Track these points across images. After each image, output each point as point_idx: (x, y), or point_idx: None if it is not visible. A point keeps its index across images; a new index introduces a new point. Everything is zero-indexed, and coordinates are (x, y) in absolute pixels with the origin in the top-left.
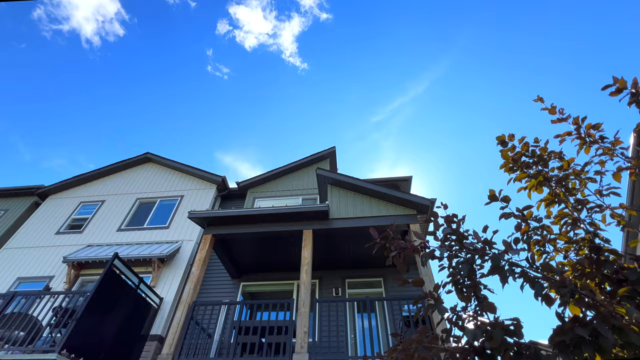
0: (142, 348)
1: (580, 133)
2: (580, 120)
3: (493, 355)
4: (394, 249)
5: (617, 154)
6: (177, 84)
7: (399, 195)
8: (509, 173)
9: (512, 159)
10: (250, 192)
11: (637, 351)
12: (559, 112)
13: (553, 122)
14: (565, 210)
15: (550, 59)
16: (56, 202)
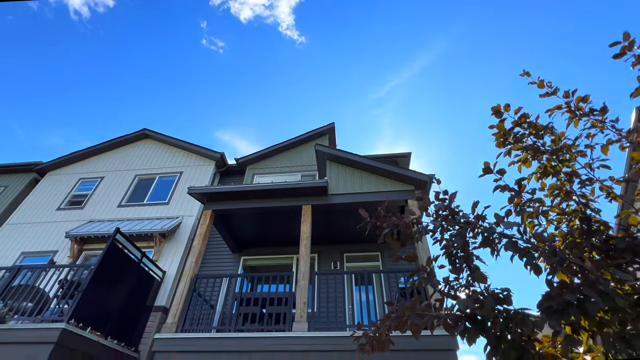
0: (147, 318)
1: (570, 106)
2: (571, 93)
3: (484, 321)
4: (387, 227)
5: (607, 126)
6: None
7: (397, 171)
8: (501, 147)
9: (505, 132)
10: (249, 168)
11: (621, 314)
12: (547, 86)
13: (541, 96)
14: (557, 182)
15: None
16: (55, 178)
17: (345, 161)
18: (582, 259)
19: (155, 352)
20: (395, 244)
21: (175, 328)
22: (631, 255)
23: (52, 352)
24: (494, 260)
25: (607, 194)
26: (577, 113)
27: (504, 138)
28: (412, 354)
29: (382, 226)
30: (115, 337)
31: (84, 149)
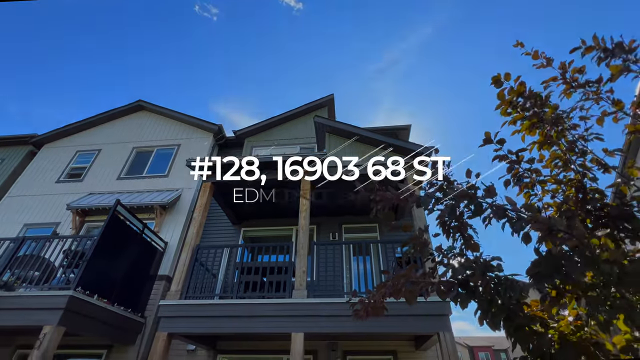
0: (151, 287)
1: (565, 78)
2: (567, 65)
3: (475, 287)
4: (379, 199)
5: (602, 97)
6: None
7: (396, 143)
8: (504, 115)
9: (511, 100)
10: (247, 141)
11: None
12: (542, 57)
13: (536, 67)
14: (558, 151)
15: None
16: (52, 151)
17: (344, 133)
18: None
19: (161, 318)
20: (388, 217)
21: (179, 295)
22: (623, 222)
23: (61, 317)
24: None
25: (599, 166)
26: (572, 85)
27: (508, 107)
28: (408, 318)
29: (374, 199)
30: (121, 304)
31: (79, 120)
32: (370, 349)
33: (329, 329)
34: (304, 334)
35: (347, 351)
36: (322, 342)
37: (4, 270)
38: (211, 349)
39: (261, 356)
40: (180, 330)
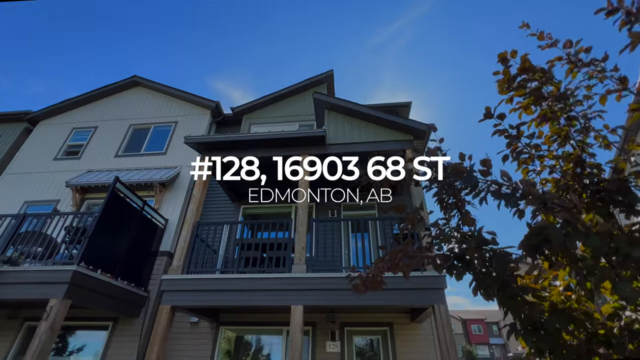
0: (153, 262)
1: (570, 57)
2: (573, 44)
3: (470, 259)
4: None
5: (607, 76)
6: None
7: (396, 120)
8: (505, 93)
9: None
10: (245, 118)
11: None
12: (547, 37)
13: (542, 48)
14: (557, 126)
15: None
16: (48, 128)
17: (344, 110)
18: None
19: (164, 292)
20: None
21: (181, 270)
22: (619, 196)
23: (66, 290)
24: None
25: (599, 144)
26: (577, 64)
27: (508, 84)
28: (405, 292)
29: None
30: (125, 278)
31: (74, 97)
32: (367, 320)
33: (328, 302)
34: (303, 307)
35: (344, 323)
36: (321, 314)
37: (8, 246)
38: (214, 321)
39: (262, 327)
40: (183, 303)
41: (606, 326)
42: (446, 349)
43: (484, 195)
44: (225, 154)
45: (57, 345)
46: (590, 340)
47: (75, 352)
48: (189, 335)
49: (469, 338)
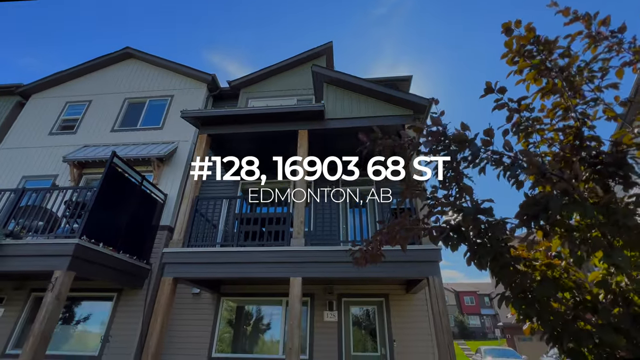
0: (154, 236)
1: (590, 30)
2: (593, 17)
3: (466, 231)
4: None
5: (624, 48)
6: None
7: (396, 94)
8: (510, 65)
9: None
10: (243, 92)
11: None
12: (573, 13)
13: (566, 24)
14: (560, 100)
15: None
16: (41, 102)
17: (343, 84)
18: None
19: (166, 264)
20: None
21: (182, 243)
22: (616, 168)
23: (70, 263)
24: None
25: (607, 117)
26: (596, 37)
27: (515, 55)
28: (402, 264)
29: (378, 148)
30: (127, 251)
31: (66, 69)
32: (364, 292)
33: (326, 274)
34: (302, 279)
35: (342, 294)
36: (319, 286)
37: (9, 220)
38: (215, 292)
39: (262, 298)
40: (184, 275)
41: (593, 293)
42: (439, 317)
43: (484, 165)
44: (222, 129)
45: (64, 315)
46: (576, 307)
47: (82, 321)
48: (191, 306)
49: (461, 309)
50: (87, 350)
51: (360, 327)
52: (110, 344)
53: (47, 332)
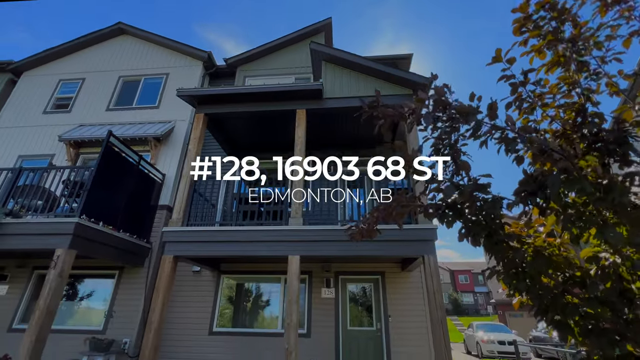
0: (153, 216)
1: None
2: None
3: (462, 208)
4: (382, 117)
5: (634, 15)
6: None
7: (395, 73)
8: (517, 35)
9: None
10: (239, 70)
11: (587, 197)
12: None
13: None
14: (566, 74)
15: None
16: (33, 79)
17: (342, 62)
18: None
19: (166, 243)
20: (387, 133)
21: (181, 222)
22: (615, 146)
23: (71, 241)
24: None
25: (609, 91)
26: (608, 1)
27: (522, 24)
28: (398, 243)
29: (377, 115)
30: (127, 230)
31: (57, 45)
32: (360, 269)
33: (323, 253)
34: (300, 257)
35: (339, 272)
36: (317, 264)
37: (7, 199)
38: (215, 270)
39: (262, 276)
40: (184, 253)
41: (583, 269)
42: (433, 294)
43: (486, 139)
44: (219, 108)
45: (68, 292)
46: (566, 282)
47: (85, 297)
48: (192, 283)
49: (455, 287)
50: (92, 325)
51: (357, 303)
52: (114, 319)
53: (51, 307)
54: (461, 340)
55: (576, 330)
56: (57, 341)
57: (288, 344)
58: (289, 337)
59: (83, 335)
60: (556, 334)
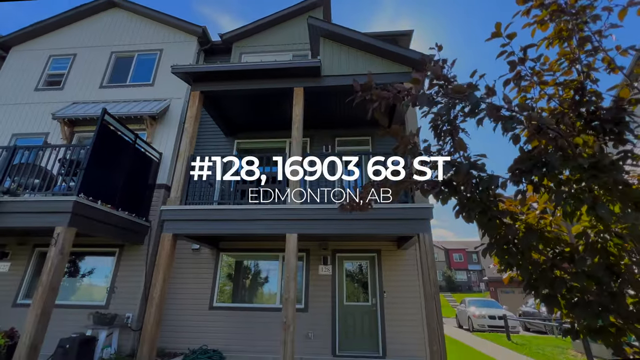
0: (151, 195)
1: None
2: None
3: (457, 185)
4: (376, 99)
5: None
6: None
7: (393, 49)
8: (520, 4)
9: None
10: (235, 46)
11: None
12: None
13: None
14: (567, 49)
15: None
16: (23, 55)
17: (341, 38)
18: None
19: (165, 221)
20: (382, 118)
21: (179, 201)
22: (612, 125)
23: (70, 219)
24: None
25: (607, 65)
26: None
27: None
28: (394, 222)
29: (371, 98)
30: (125, 209)
31: (46, 19)
32: (357, 247)
33: (320, 231)
34: (298, 235)
35: (336, 250)
36: (314, 242)
37: (4, 178)
38: (214, 248)
39: (260, 254)
40: (183, 231)
41: (572, 245)
42: (427, 271)
43: (483, 117)
44: (215, 86)
45: (69, 269)
46: (555, 257)
47: (87, 274)
48: (192, 261)
49: (450, 265)
50: (95, 301)
51: (353, 280)
52: (116, 295)
53: (54, 283)
54: (453, 315)
55: (562, 303)
56: (62, 315)
57: (286, 317)
58: (287, 311)
59: (87, 310)
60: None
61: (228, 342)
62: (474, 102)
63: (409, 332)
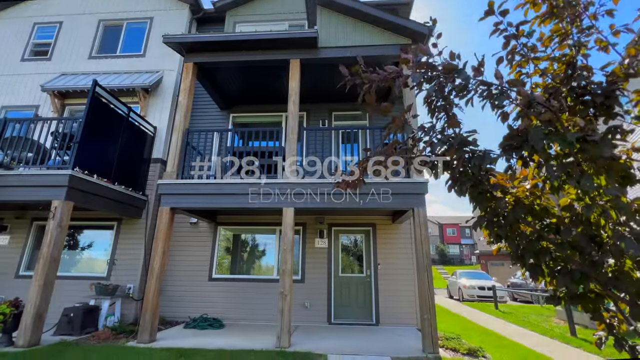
0: (147, 169)
1: None
2: None
3: (450, 160)
4: (367, 82)
5: None
6: None
7: (394, 20)
8: None
9: None
10: (229, 15)
11: (568, 148)
12: None
13: None
14: (560, 25)
15: None
16: (5, 23)
17: (339, 7)
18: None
19: (162, 195)
20: (371, 100)
21: (175, 175)
22: (603, 99)
23: (67, 193)
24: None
25: (598, 47)
26: None
27: None
28: (390, 196)
29: (362, 83)
30: (121, 183)
31: None
32: (353, 221)
33: (317, 205)
34: (294, 209)
35: (332, 224)
36: (311, 216)
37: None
38: (212, 222)
39: (257, 227)
40: (180, 205)
41: (559, 217)
42: (420, 243)
43: (471, 97)
44: (208, 57)
45: (69, 242)
46: (542, 229)
47: (87, 247)
48: (190, 234)
49: (443, 239)
50: (96, 272)
51: (349, 252)
52: (117, 267)
53: (54, 255)
54: (445, 286)
55: (546, 271)
56: (65, 287)
57: (283, 288)
58: (284, 282)
59: (88, 282)
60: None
61: (227, 312)
62: (463, 79)
63: (402, 302)
